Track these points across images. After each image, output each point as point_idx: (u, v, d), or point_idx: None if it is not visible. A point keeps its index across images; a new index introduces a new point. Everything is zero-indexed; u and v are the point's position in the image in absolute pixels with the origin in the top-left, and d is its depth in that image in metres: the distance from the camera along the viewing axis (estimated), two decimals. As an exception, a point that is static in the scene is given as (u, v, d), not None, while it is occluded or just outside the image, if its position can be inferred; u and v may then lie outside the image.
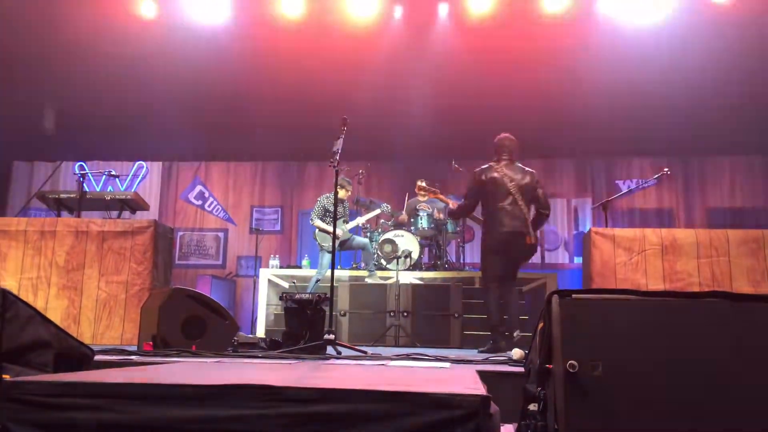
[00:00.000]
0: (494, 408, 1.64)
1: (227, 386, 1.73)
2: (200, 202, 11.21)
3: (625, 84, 8.42)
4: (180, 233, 10.93)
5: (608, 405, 1.81)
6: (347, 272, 7.74)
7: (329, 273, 4.67)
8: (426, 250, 8.22)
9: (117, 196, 6.36)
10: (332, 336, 4.11)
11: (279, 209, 11.08)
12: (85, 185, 6.36)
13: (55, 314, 5.46)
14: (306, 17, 8.30)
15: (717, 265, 5.51)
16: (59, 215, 6.23)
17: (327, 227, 7.04)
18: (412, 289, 6.78)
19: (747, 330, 1.90)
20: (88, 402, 1.73)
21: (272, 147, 10.76)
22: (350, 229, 7.41)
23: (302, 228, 10.78)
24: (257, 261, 9.60)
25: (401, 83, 8.59)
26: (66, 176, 11.02)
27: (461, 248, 8.37)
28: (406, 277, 7.26)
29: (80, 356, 2.55)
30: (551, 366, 1.89)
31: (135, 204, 6.43)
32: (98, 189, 10.39)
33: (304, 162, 11.08)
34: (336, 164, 4.54)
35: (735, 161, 10.32)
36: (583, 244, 6.23)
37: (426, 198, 8.27)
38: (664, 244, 5.59)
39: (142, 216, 6.91)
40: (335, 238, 4.67)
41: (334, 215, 4.91)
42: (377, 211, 7.70)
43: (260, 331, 7.28)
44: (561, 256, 10.52)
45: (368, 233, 7.99)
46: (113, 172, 7.14)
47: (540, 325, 2.05)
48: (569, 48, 8.28)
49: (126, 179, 11.09)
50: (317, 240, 7.19)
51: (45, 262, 5.68)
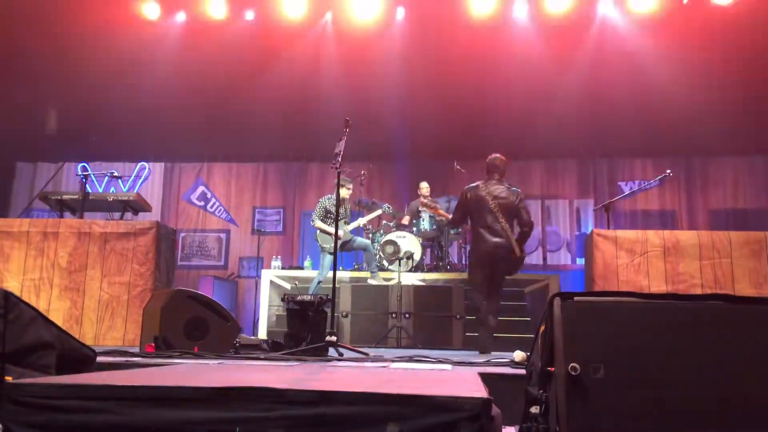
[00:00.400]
0: (496, 410, 1.64)
1: (229, 388, 1.73)
2: (202, 203, 11.22)
3: (628, 85, 8.42)
4: (182, 234, 10.93)
5: (610, 408, 1.81)
6: (349, 273, 7.74)
7: (331, 274, 4.66)
8: (428, 252, 8.21)
9: (119, 197, 6.37)
10: (334, 338, 4.11)
11: (281, 210, 11.08)
12: (88, 186, 6.38)
13: (58, 315, 5.47)
14: (308, 18, 8.32)
15: (719, 267, 5.50)
16: (62, 216, 6.23)
17: (327, 228, 7.03)
18: (414, 291, 6.77)
19: (749, 332, 1.89)
20: (90, 404, 1.73)
21: (274, 148, 10.78)
22: (351, 230, 7.41)
23: (304, 229, 10.78)
24: (259, 262, 9.60)
25: (404, 84, 8.59)
26: (69, 177, 11.03)
27: (463, 249, 8.36)
28: (408, 279, 7.26)
29: (82, 358, 2.55)
30: (553, 368, 1.89)
31: (137, 205, 6.44)
32: (101, 190, 10.41)
33: (307, 163, 11.09)
34: (338, 165, 4.53)
35: (737, 162, 10.29)
36: (585, 246, 6.23)
37: (428, 200, 8.28)
38: (667, 246, 5.58)
39: (145, 217, 6.93)
40: (337, 239, 4.66)
41: (336, 216, 4.89)
42: (378, 212, 7.70)
43: (262, 333, 7.28)
44: (563, 257, 10.50)
45: (370, 234, 7.99)
46: (116, 173, 7.15)
47: (542, 328, 2.05)
48: (571, 49, 8.28)
49: (128, 180, 11.11)
50: (318, 241, 7.19)
51: (47, 263, 5.69)
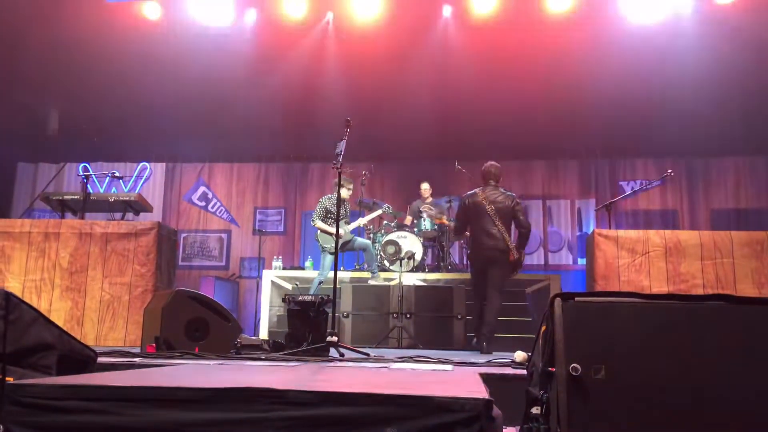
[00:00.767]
0: (496, 411, 1.64)
1: (230, 389, 1.73)
2: (203, 204, 11.22)
3: (630, 85, 8.41)
4: (183, 234, 10.94)
5: (611, 408, 1.80)
6: (350, 274, 7.73)
7: (332, 274, 4.66)
8: (429, 252, 8.21)
9: (120, 198, 6.37)
10: (335, 338, 4.10)
11: (282, 210, 11.08)
12: (89, 187, 6.39)
13: (59, 316, 5.48)
14: (309, 19, 8.32)
15: (721, 267, 5.49)
16: (63, 217, 6.24)
17: (328, 228, 7.03)
18: (415, 291, 6.77)
19: (751, 333, 1.89)
20: (91, 405, 1.73)
21: (275, 148, 10.77)
22: (352, 231, 7.40)
23: (305, 229, 10.77)
24: (260, 262, 9.61)
25: (405, 84, 8.58)
26: (70, 178, 11.05)
27: (464, 250, 8.36)
28: (409, 279, 7.26)
29: (83, 358, 2.55)
30: (554, 369, 1.89)
31: (138, 205, 6.44)
32: (102, 190, 10.41)
33: (308, 163, 11.09)
34: (339, 166, 4.52)
35: (739, 162, 10.27)
36: (587, 246, 6.22)
37: (429, 200, 8.28)
38: (668, 246, 5.57)
39: (146, 217, 6.92)
40: (338, 240, 4.66)
41: (337, 217, 4.89)
42: (379, 212, 7.71)
43: (263, 333, 7.28)
44: (565, 257, 10.49)
45: (371, 234, 7.99)
46: (117, 174, 7.15)
47: (543, 328, 2.05)
48: (573, 49, 8.27)
49: (129, 181, 11.11)
50: (319, 241, 7.19)
51: (49, 264, 5.69)
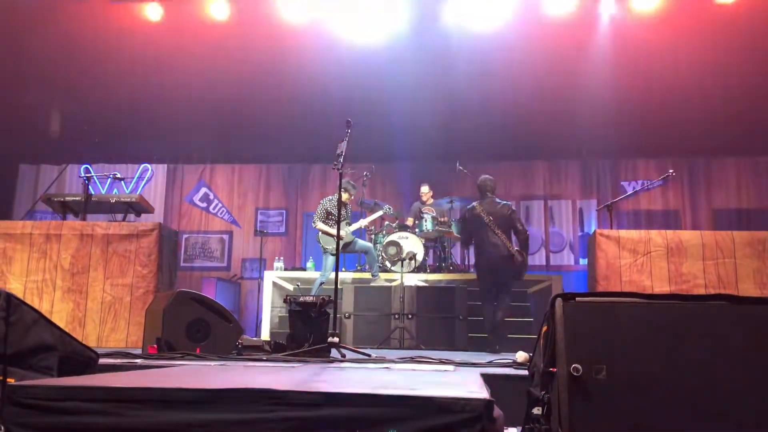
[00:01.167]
0: (498, 412, 1.63)
1: (231, 390, 1.73)
2: (205, 205, 11.22)
3: (631, 85, 8.40)
4: (185, 236, 10.94)
5: (612, 409, 1.80)
6: (351, 275, 7.73)
7: (333, 275, 4.66)
8: (430, 252, 8.21)
9: (122, 199, 6.37)
10: (336, 339, 4.10)
11: (284, 211, 11.09)
12: (91, 188, 6.38)
13: (61, 317, 5.49)
14: (310, 21, 8.33)
15: (723, 267, 5.48)
16: (64, 218, 6.23)
17: (329, 229, 7.03)
18: (417, 292, 6.76)
19: (752, 333, 1.89)
20: (92, 406, 1.73)
21: (277, 149, 10.77)
22: (353, 232, 7.40)
23: (307, 230, 10.78)
24: (262, 263, 9.61)
25: (406, 84, 8.58)
26: (71, 179, 11.06)
27: (465, 251, 8.34)
28: (411, 280, 7.25)
29: (84, 359, 2.55)
30: (555, 369, 1.89)
31: (140, 207, 6.44)
32: (103, 192, 10.41)
33: (309, 164, 11.09)
34: (340, 167, 4.52)
35: (741, 162, 10.26)
36: (588, 246, 6.21)
37: (430, 201, 8.28)
38: (670, 246, 5.56)
39: (147, 219, 6.93)
40: (339, 241, 4.66)
41: (338, 218, 4.88)
42: (379, 213, 7.71)
43: (265, 334, 7.28)
44: (566, 258, 10.48)
45: (372, 235, 7.98)
46: (118, 175, 7.16)
47: (544, 328, 2.05)
48: (574, 49, 8.26)
49: (131, 182, 11.13)
50: (320, 242, 7.19)
51: (50, 265, 5.70)
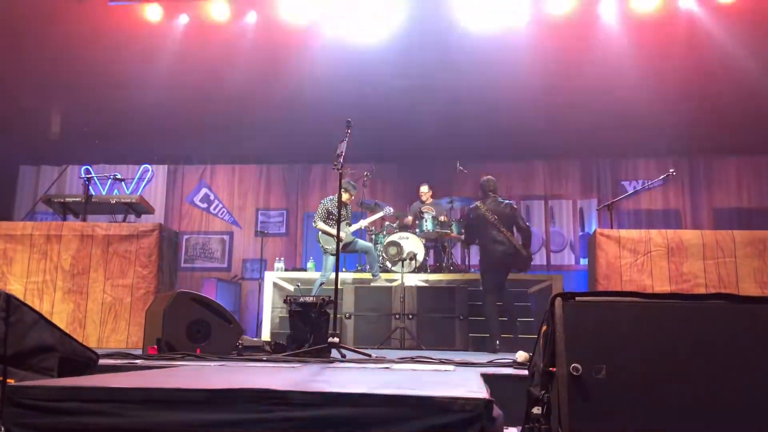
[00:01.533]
0: (497, 411, 1.64)
1: (231, 390, 1.73)
2: (205, 205, 11.22)
3: (631, 84, 8.39)
4: (185, 236, 10.94)
5: (612, 408, 1.80)
6: (352, 275, 7.73)
7: (333, 275, 4.66)
8: (431, 252, 8.20)
9: (122, 200, 6.38)
10: (337, 339, 4.10)
11: (284, 212, 11.08)
12: (91, 189, 6.38)
13: (61, 318, 5.49)
14: (311, 22, 8.33)
15: (723, 267, 5.47)
16: (65, 219, 6.24)
17: (329, 230, 7.03)
18: (417, 292, 6.76)
19: (753, 332, 1.88)
20: (92, 406, 1.73)
21: (277, 150, 10.77)
22: (353, 232, 7.40)
23: (307, 231, 10.78)
24: (262, 264, 9.61)
25: (406, 84, 8.58)
26: (72, 180, 11.06)
27: (466, 251, 8.34)
28: (411, 280, 7.25)
29: (84, 360, 2.55)
30: (555, 369, 1.89)
31: (140, 207, 6.45)
32: (104, 193, 10.41)
33: (309, 165, 11.09)
34: (340, 167, 4.51)
35: (741, 162, 10.25)
36: (589, 246, 6.22)
37: (430, 201, 8.28)
38: (670, 246, 5.56)
39: (147, 219, 6.94)
40: (339, 241, 4.66)
41: (338, 218, 4.88)
42: (380, 214, 7.70)
43: (265, 334, 7.28)
44: (567, 258, 10.48)
45: (373, 236, 7.98)
46: (119, 176, 7.17)
47: (544, 328, 2.05)
48: (574, 49, 8.27)
49: (131, 183, 11.13)
50: (320, 243, 7.19)
51: (51, 266, 5.70)
